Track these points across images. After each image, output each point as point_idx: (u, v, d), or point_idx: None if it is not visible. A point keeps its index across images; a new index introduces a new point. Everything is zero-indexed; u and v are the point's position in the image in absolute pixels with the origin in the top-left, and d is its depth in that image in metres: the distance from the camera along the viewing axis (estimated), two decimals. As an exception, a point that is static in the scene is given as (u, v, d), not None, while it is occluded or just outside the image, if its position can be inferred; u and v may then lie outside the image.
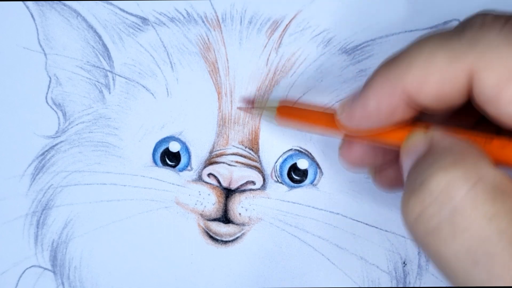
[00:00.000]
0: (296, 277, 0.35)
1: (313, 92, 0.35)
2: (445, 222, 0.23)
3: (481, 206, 0.22)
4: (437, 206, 0.23)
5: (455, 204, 0.22)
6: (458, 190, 0.22)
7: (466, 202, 0.22)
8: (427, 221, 0.23)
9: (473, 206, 0.22)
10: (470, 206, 0.22)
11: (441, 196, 0.23)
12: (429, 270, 0.35)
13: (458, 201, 0.22)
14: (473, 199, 0.22)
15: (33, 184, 0.36)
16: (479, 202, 0.22)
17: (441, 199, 0.23)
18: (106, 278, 0.36)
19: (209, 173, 0.35)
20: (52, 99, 0.36)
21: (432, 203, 0.23)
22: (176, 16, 0.35)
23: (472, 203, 0.22)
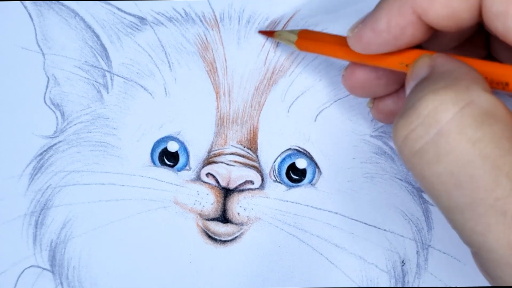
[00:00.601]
0: (294, 276, 0.35)
1: (312, 91, 0.35)
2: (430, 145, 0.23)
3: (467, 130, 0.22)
4: (423, 128, 0.23)
5: (441, 127, 0.22)
6: (445, 113, 0.22)
7: (452, 125, 0.22)
8: (413, 143, 0.23)
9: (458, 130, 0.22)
10: (455, 130, 0.22)
11: (428, 118, 0.23)
12: (428, 270, 0.35)
13: (444, 124, 0.22)
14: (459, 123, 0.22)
15: (32, 184, 0.36)
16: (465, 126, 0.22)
17: (427, 121, 0.23)
18: (105, 278, 0.36)
19: (207, 173, 0.35)
20: (50, 99, 0.36)
21: (419, 125, 0.23)
22: (174, 15, 0.35)
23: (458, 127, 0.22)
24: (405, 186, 0.35)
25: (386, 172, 0.35)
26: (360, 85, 0.31)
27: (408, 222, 0.35)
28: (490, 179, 0.22)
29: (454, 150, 0.22)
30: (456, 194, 0.23)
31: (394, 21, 0.26)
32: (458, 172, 0.22)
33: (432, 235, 0.35)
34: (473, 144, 0.22)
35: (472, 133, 0.22)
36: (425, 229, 0.35)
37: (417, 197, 0.35)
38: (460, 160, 0.22)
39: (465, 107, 0.22)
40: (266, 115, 0.35)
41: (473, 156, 0.22)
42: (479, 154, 0.22)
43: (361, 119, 0.35)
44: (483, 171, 0.22)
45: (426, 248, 0.35)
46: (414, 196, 0.35)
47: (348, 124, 0.35)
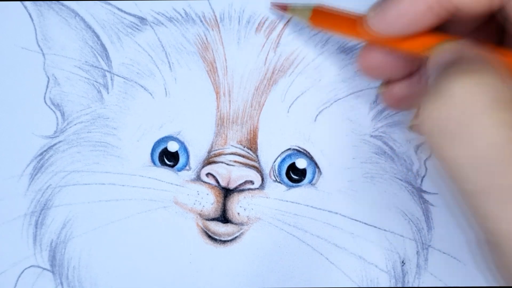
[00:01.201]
0: (294, 276, 0.35)
1: (312, 91, 0.35)
2: (460, 127, 0.23)
3: (497, 114, 0.23)
4: (454, 110, 0.23)
5: (471, 110, 0.23)
6: (475, 96, 0.23)
7: (483, 109, 0.23)
8: (444, 124, 0.23)
9: (488, 113, 0.23)
10: (485, 114, 0.23)
11: (459, 101, 0.23)
12: (428, 270, 0.35)
13: (474, 107, 0.23)
14: (489, 107, 0.23)
15: (32, 184, 0.36)
16: (496, 110, 0.23)
17: (459, 104, 0.23)
18: (105, 278, 0.36)
19: (207, 173, 0.35)
20: (50, 99, 0.36)
21: (450, 107, 0.23)
22: (174, 15, 0.35)
23: (490, 110, 0.23)
24: (405, 186, 0.35)
25: (386, 172, 0.35)
26: (376, 66, 0.31)
27: (408, 222, 0.35)
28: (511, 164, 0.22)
29: (484, 132, 0.23)
30: (483, 177, 0.23)
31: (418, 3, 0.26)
32: (488, 154, 0.23)
33: (432, 235, 0.35)
34: (503, 127, 0.23)
35: (502, 117, 0.23)
36: (425, 229, 0.35)
37: (417, 197, 0.35)
38: (489, 142, 0.23)
39: (493, 92, 0.23)
40: (266, 115, 0.35)
41: (502, 139, 0.22)
42: (508, 137, 0.22)
43: (361, 119, 0.35)
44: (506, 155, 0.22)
45: (426, 248, 0.35)
46: (414, 196, 0.35)
47: (348, 124, 0.35)
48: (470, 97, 0.23)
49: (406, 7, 0.27)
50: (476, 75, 0.23)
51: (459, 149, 0.23)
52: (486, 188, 0.23)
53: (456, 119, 0.23)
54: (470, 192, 0.24)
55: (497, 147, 0.23)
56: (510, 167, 0.22)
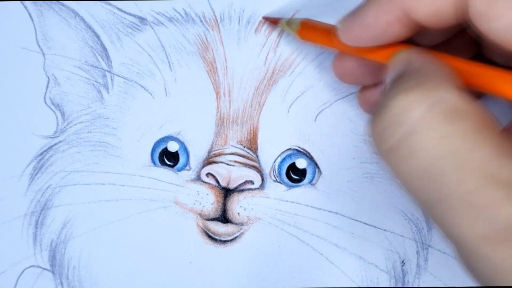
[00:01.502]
0: (294, 276, 0.35)
1: (312, 91, 0.35)
2: (402, 142, 0.23)
3: (436, 127, 0.23)
4: (396, 126, 0.23)
5: (412, 125, 0.23)
6: (415, 111, 0.23)
7: (422, 122, 0.23)
8: (386, 140, 0.24)
9: (428, 127, 0.23)
10: (425, 127, 0.23)
11: (399, 117, 0.23)
12: (428, 270, 0.35)
13: (414, 122, 0.23)
14: (428, 120, 0.23)
15: (32, 184, 0.36)
16: (434, 123, 0.23)
17: (399, 120, 0.23)
18: (105, 278, 0.36)
19: (207, 173, 0.35)
20: (50, 99, 0.36)
21: (391, 123, 0.24)
22: (174, 16, 0.35)
23: (427, 124, 0.23)
24: (405, 186, 0.35)
25: (386, 172, 0.35)
26: (349, 73, 0.32)
27: (408, 222, 0.35)
28: (457, 174, 0.23)
29: (425, 146, 0.23)
30: (429, 189, 0.23)
31: (381, 17, 0.27)
32: (427, 169, 0.23)
33: (432, 235, 0.35)
34: (442, 140, 0.23)
35: (441, 129, 0.23)
36: (425, 229, 0.35)
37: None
38: (428, 157, 0.23)
39: (434, 104, 0.23)
40: (266, 115, 0.35)
41: (443, 152, 0.23)
42: (447, 151, 0.23)
43: (361, 119, 0.35)
44: (452, 166, 0.23)
45: (426, 248, 0.35)
46: (414, 196, 0.35)
47: (348, 124, 0.35)
48: (411, 110, 0.23)
49: (369, 22, 0.27)
50: (415, 89, 0.23)
51: (405, 164, 0.24)
52: (437, 199, 0.23)
53: (397, 135, 0.23)
54: (424, 203, 0.24)
55: (441, 161, 0.23)
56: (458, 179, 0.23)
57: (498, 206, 0.22)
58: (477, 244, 0.23)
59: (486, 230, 0.23)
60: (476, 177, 0.22)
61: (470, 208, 0.23)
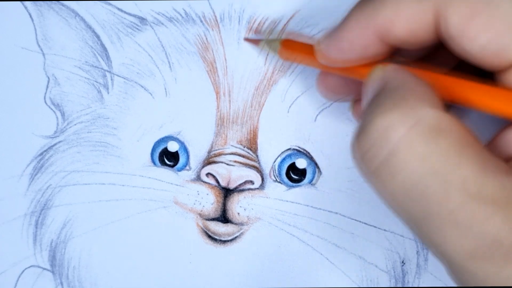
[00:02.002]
0: (295, 276, 0.35)
1: (312, 91, 0.35)
2: (383, 164, 0.23)
3: (416, 148, 0.23)
4: (376, 149, 0.24)
5: (391, 147, 0.23)
6: (394, 132, 0.23)
7: (402, 144, 0.23)
8: (368, 163, 0.24)
9: (408, 148, 0.23)
10: (405, 148, 0.23)
11: (379, 139, 0.23)
12: (428, 269, 0.35)
13: (395, 144, 0.23)
14: (408, 141, 0.23)
15: (32, 184, 0.36)
16: (414, 144, 0.23)
17: (378, 143, 0.23)
18: (105, 278, 0.36)
19: (207, 173, 0.35)
20: (50, 99, 0.36)
21: (371, 147, 0.24)
22: (174, 16, 0.35)
23: (408, 145, 0.23)
24: (405, 186, 0.35)
25: None
26: (332, 90, 0.32)
27: (408, 222, 0.35)
28: (441, 193, 0.23)
29: (406, 168, 0.23)
30: (414, 208, 0.23)
31: (356, 41, 0.27)
32: (411, 189, 0.23)
33: (432, 235, 0.35)
34: (422, 161, 0.23)
35: (421, 150, 0.23)
36: (425, 229, 0.35)
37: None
38: (411, 177, 0.23)
39: (413, 126, 0.23)
40: (266, 115, 0.35)
41: (424, 173, 0.23)
42: (429, 170, 0.23)
43: (361, 119, 0.35)
44: (434, 186, 0.23)
45: (426, 248, 0.35)
46: (414, 196, 0.35)
47: (348, 124, 0.35)
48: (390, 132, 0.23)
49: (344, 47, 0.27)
50: (392, 111, 0.23)
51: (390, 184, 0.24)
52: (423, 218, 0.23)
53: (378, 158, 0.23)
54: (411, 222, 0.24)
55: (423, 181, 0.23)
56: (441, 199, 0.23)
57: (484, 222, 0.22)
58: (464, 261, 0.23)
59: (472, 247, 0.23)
60: (460, 194, 0.22)
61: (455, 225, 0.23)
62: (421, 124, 0.23)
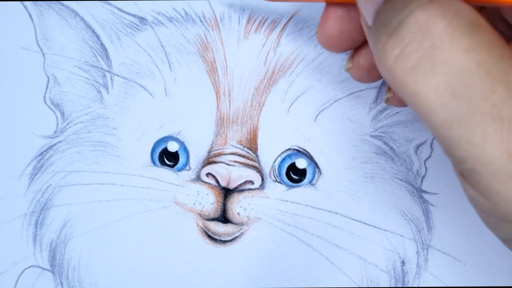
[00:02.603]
0: (294, 276, 0.35)
1: (312, 91, 0.35)
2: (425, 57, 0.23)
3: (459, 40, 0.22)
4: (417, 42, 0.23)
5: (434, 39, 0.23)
6: (436, 25, 0.23)
7: (445, 36, 0.22)
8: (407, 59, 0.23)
9: (451, 40, 0.22)
10: (448, 40, 0.22)
11: (420, 32, 0.23)
12: (428, 270, 0.35)
13: (437, 36, 0.23)
14: (451, 34, 0.22)
15: (32, 184, 0.36)
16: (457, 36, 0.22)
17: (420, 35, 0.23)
18: (105, 278, 0.36)
19: (207, 173, 0.35)
20: (50, 99, 0.36)
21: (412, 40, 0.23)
22: (174, 15, 0.35)
23: (451, 37, 0.22)
24: (405, 186, 0.35)
25: (386, 172, 0.35)
26: (336, 34, 0.30)
27: (408, 222, 0.35)
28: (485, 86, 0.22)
29: (449, 60, 0.22)
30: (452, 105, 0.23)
31: None
32: (455, 82, 0.22)
33: (432, 235, 0.35)
34: (467, 52, 0.22)
35: (464, 42, 0.22)
36: (425, 229, 0.35)
37: (417, 197, 0.35)
38: (456, 69, 0.22)
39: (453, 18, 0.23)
40: (266, 115, 0.35)
41: (468, 64, 0.22)
42: (474, 62, 0.22)
43: (361, 119, 0.35)
44: (478, 78, 0.22)
45: (426, 248, 0.35)
46: (414, 196, 0.35)
47: (348, 124, 0.35)
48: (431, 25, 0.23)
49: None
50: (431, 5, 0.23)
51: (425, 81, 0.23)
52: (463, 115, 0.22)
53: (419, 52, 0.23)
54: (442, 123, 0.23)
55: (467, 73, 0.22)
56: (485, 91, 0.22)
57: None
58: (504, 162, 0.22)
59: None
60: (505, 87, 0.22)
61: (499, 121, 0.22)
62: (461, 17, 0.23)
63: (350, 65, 0.31)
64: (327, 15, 0.30)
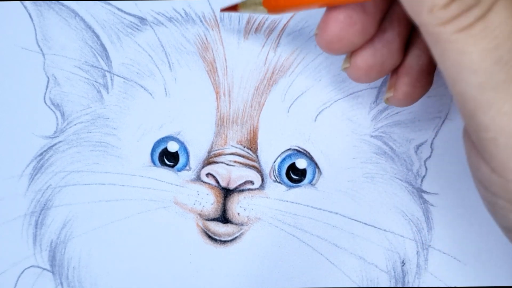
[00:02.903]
0: (294, 276, 0.35)
1: (312, 91, 0.35)
2: (480, 20, 0.23)
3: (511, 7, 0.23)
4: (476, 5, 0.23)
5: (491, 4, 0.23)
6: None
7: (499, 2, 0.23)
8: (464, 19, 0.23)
9: (504, 6, 0.23)
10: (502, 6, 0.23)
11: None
12: (428, 270, 0.35)
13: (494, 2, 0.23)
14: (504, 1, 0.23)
15: (32, 184, 0.36)
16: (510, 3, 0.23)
17: None
18: (105, 278, 0.36)
19: (207, 173, 0.35)
20: (50, 99, 0.36)
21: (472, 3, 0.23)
22: (174, 16, 0.35)
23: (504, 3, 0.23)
24: (405, 186, 0.35)
25: (386, 172, 0.35)
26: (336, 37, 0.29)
27: (408, 222, 0.35)
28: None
29: (501, 24, 0.23)
30: (494, 69, 0.23)
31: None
32: (502, 47, 0.23)
33: (432, 235, 0.35)
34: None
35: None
36: (425, 229, 0.35)
37: (417, 197, 0.35)
38: (505, 35, 0.23)
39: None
40: (266, 115, 0.35)
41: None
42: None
43: (361, 119, 0.35)
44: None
45: (426, 248, 0.35)
46: (414, 196, 0.35)
47: (348, 124, 0.35)
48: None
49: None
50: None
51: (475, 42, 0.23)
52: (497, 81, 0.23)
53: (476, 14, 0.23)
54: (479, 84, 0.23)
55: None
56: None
57: None
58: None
59: None
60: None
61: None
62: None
63: (347, 64, 0.31)
64: (327, 19, 0.29)
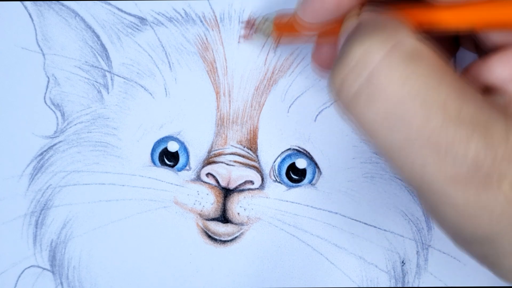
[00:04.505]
0: (294, 276, 0.35)
1: (312, 91, 0.35)
2: (363, 87, 0.23)
3: (396, 69, 0.23)
4: (356, 72, 0.23)
5: (372, 69, 0.23)
6: (374, 55, 0.23)
7: (382, 66, 0.23)
8: (348, 88, 0.24)
9: (387, 71, 0.23)
10: (385, 70, 0.23)
11: (358, 64, 0.23)
12: (428, 270, 0.35)
13: (374, 66, 0.23)
14: (388, 63, 0.23)
15: (32, 184, 0.36)
16: (394, 66, 0.23)
17: (359, 65, 0.23)
18: (105, 278, 0.36)
19: (207, 173, 0.35)
20: (50, 99, 0.36)
21: (351, 70, 0.23)
22: (174, 16, 0.35)
23: (387, 67, 0.23)
24: (405, 186, 0.35)
25: (386, 172, 0.35)
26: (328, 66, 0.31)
27: (408, 222, 0.35)
28: (421, 115, 0.23)
29: (386, 91, 0.23)
30: (391, 134, 0.23)
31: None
32: (394, 110, 0.23)
33: (432, 235, 0.35)
34: (402, 82, 0.23)
35: (400, 72, 0.23)
36: (425, 229, 0.35)
37: (417, 197, 0.35)
38: (391, 99, 0.23)
39: (392, 48, 0.23)
40: (266, 115, 0.35)
41: (404, 95, 0.23)
42: (409, 92, 0.23)
43: (361, 119, 0.35)
44: (414, 108, 0.23)
45: (426, 248, 0.35)
46: (414, 196, 0.35)
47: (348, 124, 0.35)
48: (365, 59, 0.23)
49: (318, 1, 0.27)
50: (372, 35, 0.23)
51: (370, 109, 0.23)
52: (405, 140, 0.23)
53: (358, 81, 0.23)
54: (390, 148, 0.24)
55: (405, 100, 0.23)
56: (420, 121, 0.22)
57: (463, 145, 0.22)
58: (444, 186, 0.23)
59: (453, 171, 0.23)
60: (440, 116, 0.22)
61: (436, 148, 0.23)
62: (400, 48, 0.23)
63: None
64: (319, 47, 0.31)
